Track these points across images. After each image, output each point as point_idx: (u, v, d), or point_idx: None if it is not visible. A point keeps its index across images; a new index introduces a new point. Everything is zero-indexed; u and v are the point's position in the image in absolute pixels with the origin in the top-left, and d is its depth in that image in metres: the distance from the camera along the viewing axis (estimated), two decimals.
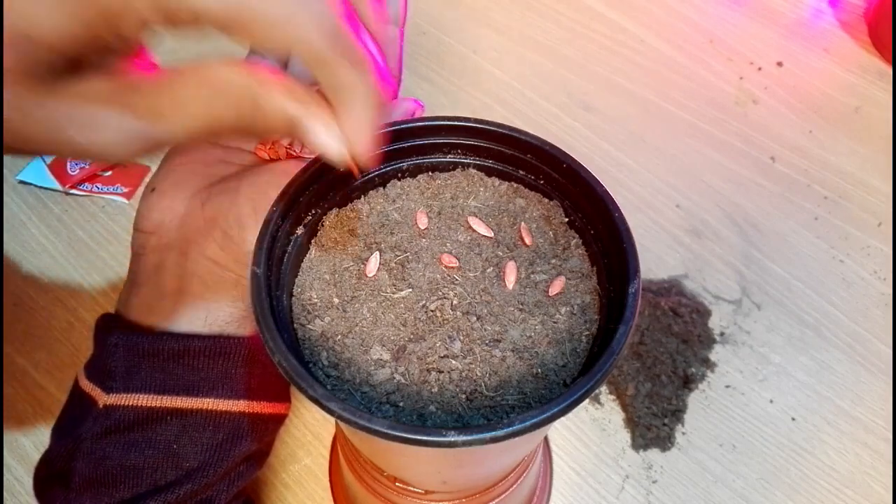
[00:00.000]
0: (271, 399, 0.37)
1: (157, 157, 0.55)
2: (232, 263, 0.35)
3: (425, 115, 0.31)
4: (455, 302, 0.27)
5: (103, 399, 0.33)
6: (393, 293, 0.28)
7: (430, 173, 0.32)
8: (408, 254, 0.29)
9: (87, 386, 0.34)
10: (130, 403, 0.33)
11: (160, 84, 0.21)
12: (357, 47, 0.21)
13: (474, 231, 0.30)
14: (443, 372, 0.26)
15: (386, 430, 0.21)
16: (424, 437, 0.21)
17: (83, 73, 0.21)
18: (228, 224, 0.34)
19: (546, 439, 0.48)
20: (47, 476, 0.34)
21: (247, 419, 0.35)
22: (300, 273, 0.29)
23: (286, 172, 0.35)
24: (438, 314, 0.27)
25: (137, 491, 0.33)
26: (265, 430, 0.37)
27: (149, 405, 0.33)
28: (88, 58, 0.21)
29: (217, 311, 0.35)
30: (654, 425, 0.48)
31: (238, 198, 0.34)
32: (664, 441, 0.48)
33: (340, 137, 0.22)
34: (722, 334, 0.53)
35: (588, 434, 0.49)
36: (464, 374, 0.26)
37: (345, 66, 0.21)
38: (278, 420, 0.38)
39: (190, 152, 0.38)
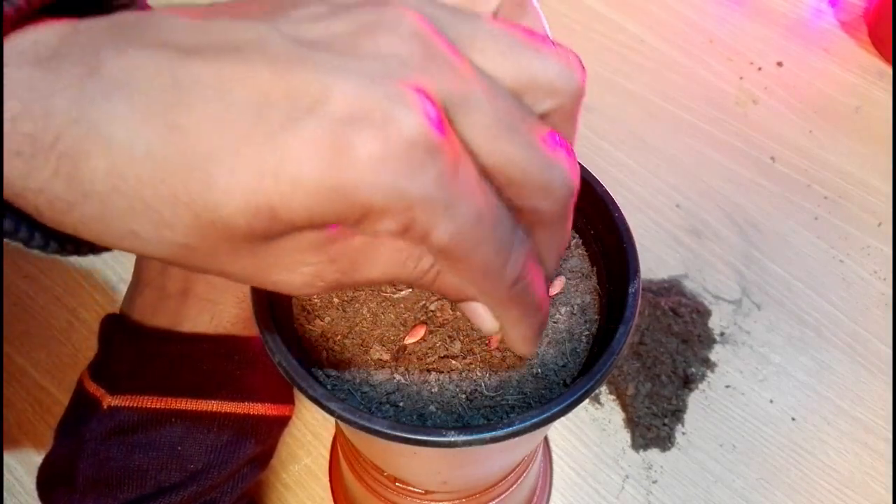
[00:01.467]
0: (275, 401, 0.37)
1: None
2: None
3: None
4: None
5: (108, 400, 0.33)
6: (393, 293, 0.28)
7: None
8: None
9: (92, 387, 0.34)
10: (135, 405, 0.33)
11: (360, 242, 0.20)
12: (526, 305, 0.21)
13: None
14: (443, 372, 0.26)
15: (386, 430, 0.21)
16: (424, 437, 0.21)
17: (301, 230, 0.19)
18: None
19: (546, 439, 0.48)
20: (51, 476, 0.34)
21: (251, 421, 0.35)
22: None
23: None
24: (438, 314, 0.27)
25: (141, 492, 0.33)
26: (269, 433, 0.37)
27: (153, 406, 0.33)
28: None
29: (222, 312, 0.35)
30: (654, 425, 0.48)
31: None
32: (664, 441, 0.48)
33: (496, 325, 0.22)
34: (722, 334, 0.53)
35: (588, 434, 0.49)
36: (464, 374, 0.26)
37: (513, 313, 0.21)
38: (282, 422, 0.38)
39: None
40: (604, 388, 0.51)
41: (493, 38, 0.18)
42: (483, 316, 0.22)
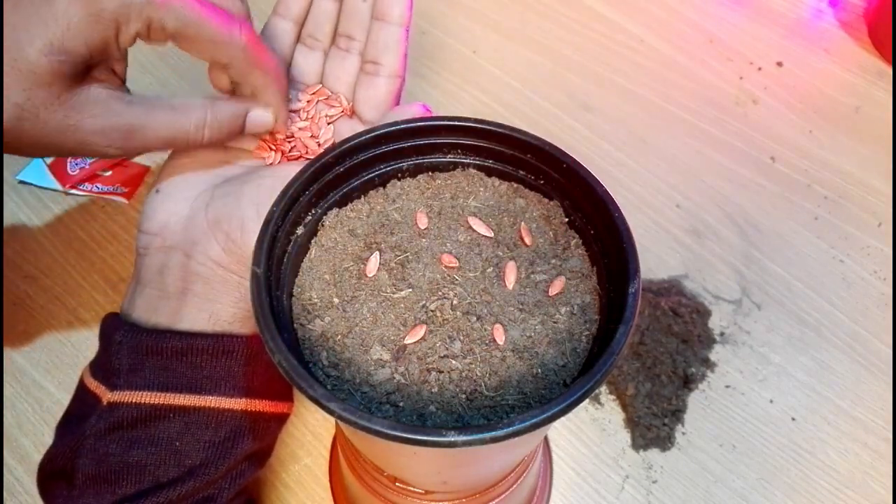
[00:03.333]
0: (274, 398, 0.37)
1: (157, 156, 0.55)
2: (235, 265, 0.35)
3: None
4: (455, 302, 0.27)
5: (107, 396, 0.34)
6: (393, 293, 0.28)
7: (430, 173, 0.32)
8: (408, 254, 0.29)
9: (92, 384, 0.35)
10: (134, 401, 0.33)
11: (140, 107, 0.32)
12: (267, 64, 0.34)
13: (474, 231, 0.30)
14: (443, 372, 0.26)
15: (386, 430, 0.21)
16: (424, 437, 0.21)
17: (89, 82, 0.31)
18: (231, 227, 0.34)
19: (546, 439, 0.48)
20: (51, 473, 0.35)
21: (249, 417, 0.36)
22: (300, 273, 0.29)
23: (289, 175, 0.35)
24: (438, 314, 0.27)
25: (140, 488, 0.33)
26: (267, 429, 0.37)
27: (152, 402, 0.34)
28: (93, 67, 0.31)
29: (220, 311, 0.35)
30: (654, 425, 0.48)
31: (241, 200, 0.35)
32: (664, 441, 0.48)
33: (270, 115, 0.36)
34: (722, 334, 0.53)
35: (588, 434, 0.49)
36: (464, 374, 0.26)
37: (257, 73, 0.34)
38: (280, 419, 0.38)
39: (193, 154, 0.38)
40: (604, 388, 0.51)
41: None
42: (258, 114, 0.36)
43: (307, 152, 0.39)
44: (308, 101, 0.40)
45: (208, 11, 0.31)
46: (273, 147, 0.39)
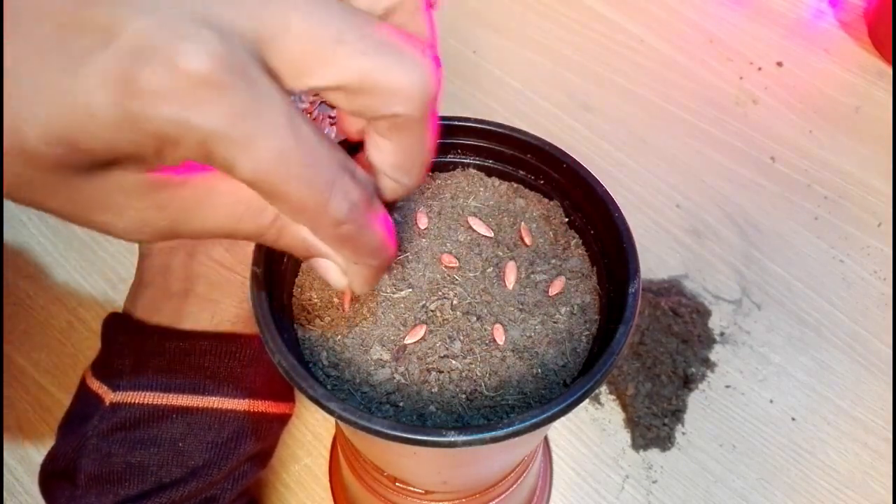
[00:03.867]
0: (276, 399, 0.37)
1: None
2: (237, 265, 0.35)
3: None
4: (455, 302, 0.27)
5: (110, 397, 0.34)
6: (393, 293, 0.28)
7: (429, 173, 0.32)
8: (408, 254, 0.29)
9: (94, 384, 0.35)
10: (136, 401, 0.33)
11: (193, 188, 0.21)
12: (360, 247, 0.22)
13: (474, 231, 0.30)
14: (443, 372, 0.26)
15: (386, 430, 0.21)
16: (424, 437, 0.21)
17: (119, 164, 0.19)
18: None
19: (546, 439, 0.48)
20: (53, 473, 0.35)
21: (251, 418, 0.36)
22: (300, 273, 0.29)
23: None
24: (438, 314, 0.27)
25: (142, 488, 0.33)
26: (269, 430, 0.37)
27: (155, 403, 0.34)
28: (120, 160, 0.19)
29: (223, 311, 0.35)
30: (654, 425, 0.48)
31: None
32: (664, 441, 0.48)
33: (344, 281, 0.23)
34: (722, 334, 0.53)
35: (588, 434, 0.49)
36: (464, 374, 0.26)
37: (346, 252, 0.22)
38: (283, 420, 0.38)
39: None
40: (604, 388, 0.51)
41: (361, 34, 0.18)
42: (330, 271, 0.23)
43: None
44: (311, 103, 0.40)
45: (307, 161, 0.19)
46: None
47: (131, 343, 0.34)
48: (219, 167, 0.18)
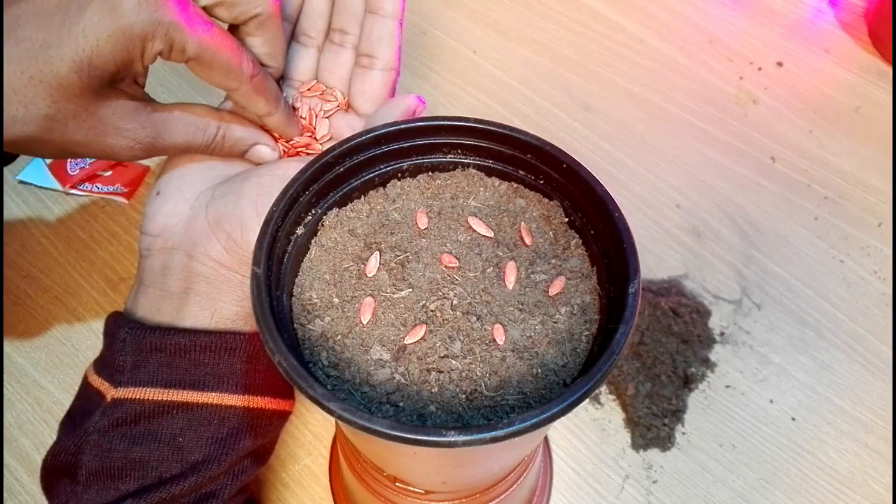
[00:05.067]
0: (275, 395, 0.37)
1: (157, 157, 0.55)
2: (236, 265, 0.35)
3: (425, 115, 0.31)
4: (455, 302, 0.27)
5: (111, 393, 0.34)
6: (393, 293, 0.28)
7: (430, 173, 0.32)
8: (408, 254, 0.29)
9: (96, 381, 0.35)
10: (137, 397, 0.34)
11: (161, 111, 0.34)
12: (268, 94, 0.36)
13: (474, 231, 0.30)
14: (443, 372, 0.26)
15: (386, 430, 0.21)
16: (424, 437, 0.21)
17: (114, 93, 0.32)
18: (232, 227, 0.35)
19: (546, 439, 0.48)
20: (54, 469, 0.35)
21: (251, 414, 0.36)
22: (300, 273, 0.29)
23: (287, 174, 0.35)
24: (438, 314, 0.27)
25: (143, 483, 0.33)
26: (269, 426, 0.37)
27: (155, 399, 0.34)
28: (119, 79, 0.32)
29: (223, 309, 0.36)
30: (654, 425, 0.48)
31: (241, 200, 0.35)
32: (664, 441, 0.48)
33: (275, 152, 0.39)
34: (722, 334, 0.53)
35: (588, 434, 0.49)
36: (464, 374, 0.26)
37: (261, 103, 0.36)
38: (282, 416, 0.38)
39: (192, 154, 0.38)
40: (604, 388, 0.51)
41: None
42: (265, 150, 0.38)
43: (307, 147, 0.39)
44: (304, 96, 0.40)
45: (224, 41, 0.33)
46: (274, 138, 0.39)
47: (133, 340, 0.34)
48: (177, 53, 0.32)
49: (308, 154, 0.40)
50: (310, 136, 0.39)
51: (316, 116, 0.40)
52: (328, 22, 0.41)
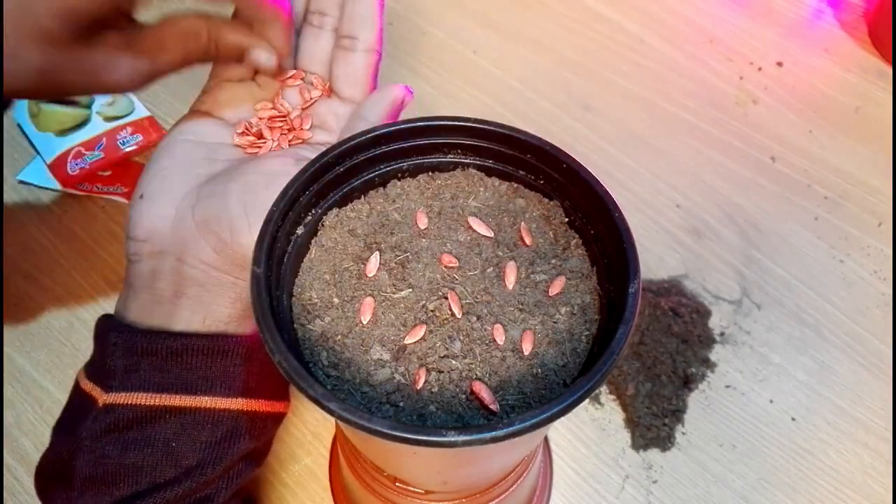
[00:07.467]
0: (269, 397, 0.37)
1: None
2: (227, 266, 0.35)
3: (425, 114, 0.31)
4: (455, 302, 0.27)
5: (103, 398, 0.34)
6: (393, 293, 0.28)
7: (430, 173, 0.32)
8: (408, 254, 0.29)
9: (87, 386, 0.35)
10: (129, 402, 0.33)
11: (152, 35, 0.34)
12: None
13: (474, 231, 0.30)
14: (443, 372, 0.26)
15: (386, 430, 0.21)
16: (424, 437, 0.21)
17: (104, 32, 0.32)
18: (221, 228, 0.34)
19: (546, 439, 0.48)
20: (48, 476, 0.34)
21: (245, 417, 0.35)
22: (300, 273, 0.29)
23: (273, 170, 0.35)
24: (438, 314, 0.27)
25: (137, 489, 0.33)
26: (264, 429, 0.37)
27: (147, 404, 0.33)
28: (106, 19, 0.32)
29: (215, 312, 0.35)
30: (654, 425, 0.48)
31: (227, 200, 0.34)
32: (664, 441, 0.48)
33: (270, 51, 0.37)
34: (722, 334, 0.53)
35: (588, 434, 0.49)
36: (464, 374, 0.26)
37: (266, 8, 0.36)
38: (277, 419, 0.38)
39: (175, 153, 0.37)
40: (604, 388, 0.51)
41: None
42: (261, 54, 0.37)
43: (291, 138, 0.39)
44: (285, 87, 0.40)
45: None
46: (252, 133, 0.39)
47: (124, 344, 0.34)
48: None
49: (295, 144, 0.39)
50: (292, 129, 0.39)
51: (304, 109, 0.39)
52: (306, 4, 0.40)
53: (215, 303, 0.35)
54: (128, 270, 0.37)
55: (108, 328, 0.35)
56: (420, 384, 0.25)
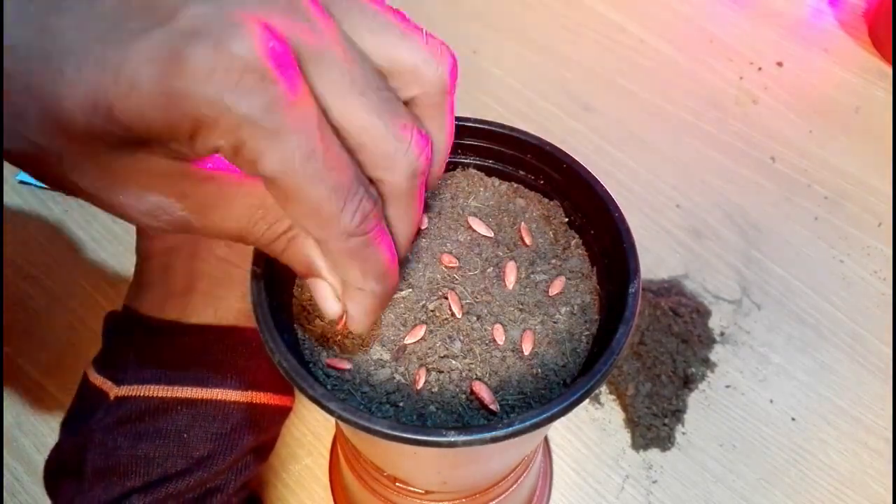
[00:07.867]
0: (277, 391, 0.38)
1: None
2: (241, 260, 0.35)
3: None
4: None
5: (114, 391, 0.34)
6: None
7: None
8: (408, 254, 0.29)
9: (98, 379, 0.35)
10: (141, 394, 0.34)
11: (219, 183, 0.21)
12: (368, 265, 0.21)
13: (474, 231, 0.30)
14: (443, 372, 0.26)
15: (386, 430, 0.21)
16: (424, 437, 0.21)
17: (146, 147, 0.19)
18: None
19: (546, 439, 0.48)
20: (58, 469, 0.35)
21: (254, 410, 0.36)
22: None
23: None
24: (438, 314, 0.27)
25: (148, 480, 0.33)
26: (272, 422, 0.38)
27: (159, 395, 0.34)
28: (154, 144, 0.19)
29: (226, 306, 0.36)
30: (654, 425, 0.48)
31: None
32: (664, 441, 0.48)
33: (339, 308, 0.22)
34: (722, 334, 0.53)
35: (588, 434, 0.49)
36: (464, 374, 0.26)
37: (354, 271, 0.21)
38: (284, 412, 0.39)
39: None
40: (604, 388, 0.51)
41: (366, 14, 0.20)
42: (327, 295, 0.22)
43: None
44: None
45: (330, 165, 0.19)
46: None
47: (134, 338, 0.35)
48: (243, 161, 0.18)
49: None
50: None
51: None
52: None
53: (226, 297, 0.36)
54: (139, 267, 0.37)
55: (117, 323, 0.36)
56: (420, 384, 0.25)
